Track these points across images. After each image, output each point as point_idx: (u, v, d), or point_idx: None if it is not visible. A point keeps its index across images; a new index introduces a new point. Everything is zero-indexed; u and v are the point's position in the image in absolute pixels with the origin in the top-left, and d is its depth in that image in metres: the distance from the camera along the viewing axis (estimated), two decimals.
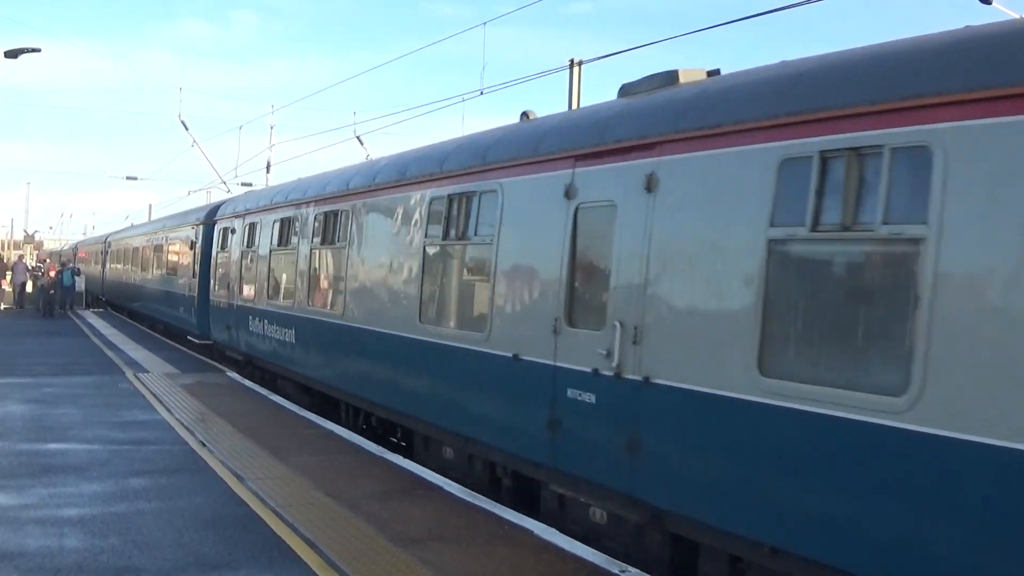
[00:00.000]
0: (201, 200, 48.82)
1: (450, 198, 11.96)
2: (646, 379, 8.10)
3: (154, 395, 17.57)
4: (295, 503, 9.99)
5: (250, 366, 21.62)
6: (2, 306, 43.45)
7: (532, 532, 9.15)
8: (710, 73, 9.40)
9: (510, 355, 10.23)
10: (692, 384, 7.74)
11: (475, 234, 11.53)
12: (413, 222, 13.03)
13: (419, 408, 12.55)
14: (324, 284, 16.95)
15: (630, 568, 8.17)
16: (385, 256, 13.87)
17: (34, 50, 34.14)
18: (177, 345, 28.91)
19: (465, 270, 12.15)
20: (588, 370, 8.82)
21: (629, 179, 8.67)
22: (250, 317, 20.80)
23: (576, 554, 8.51)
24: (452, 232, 12.02)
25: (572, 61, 21.57)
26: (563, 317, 9.38)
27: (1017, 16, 6.93)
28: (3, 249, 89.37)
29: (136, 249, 41.53)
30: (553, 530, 9.27)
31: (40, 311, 41.24)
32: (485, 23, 22.18)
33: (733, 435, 7.40)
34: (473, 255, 11.82)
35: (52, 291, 42.23)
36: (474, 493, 10.71)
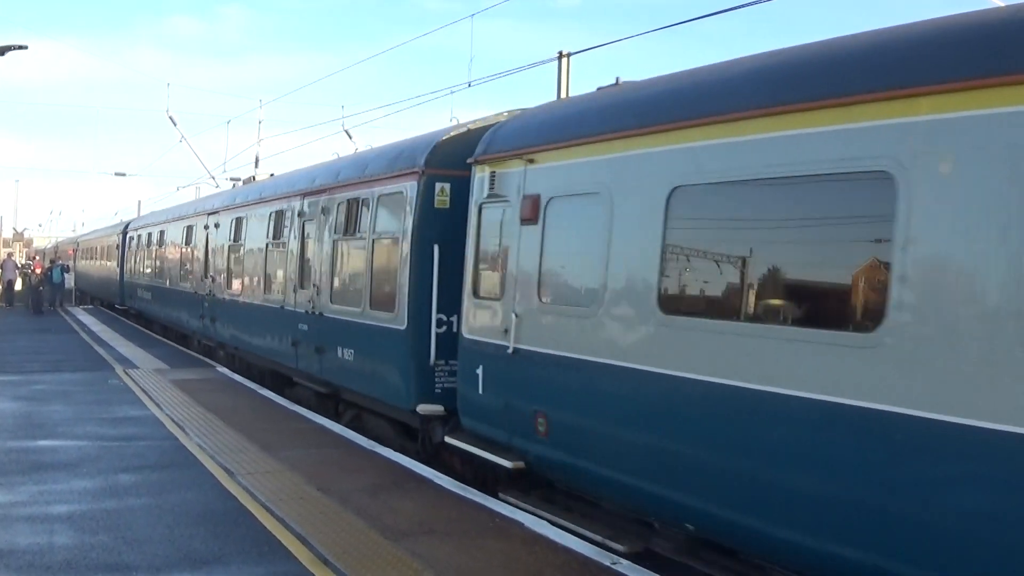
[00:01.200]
0: (191, 195, 49.19)
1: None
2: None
3: (144, 391, 17.54)
4: (285, 497, 9.98)
5: (140, 317, 36.65)
6: None
7: (523, 524, 9.16)
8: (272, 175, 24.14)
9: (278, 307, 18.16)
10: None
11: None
12: (194, 229, 26.85)
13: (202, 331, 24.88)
14: (162, 267, 31.80)
15: (621, 560, 8.19)
16: (178, 243, 29.02)
17: (21, 47, 33.89)
18: (167, 341, 28.89)
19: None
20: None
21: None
22: (137, 289, 36.82)
23: (567, 546, 8.52)
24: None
25: (561, 53, 21.54)
26: (297, 281, 17.25)
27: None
28: None
29: (91, 248, 57.67)
30: (544, 522, 9.29)
31: (30, 308, 41.13)
32: (473, 15, 22.19)
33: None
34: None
35: (40, 287, 42.12)
36: (464, 486, 10.72)
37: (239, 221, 21.66)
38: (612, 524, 9.43)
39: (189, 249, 27.06)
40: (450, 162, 12.39)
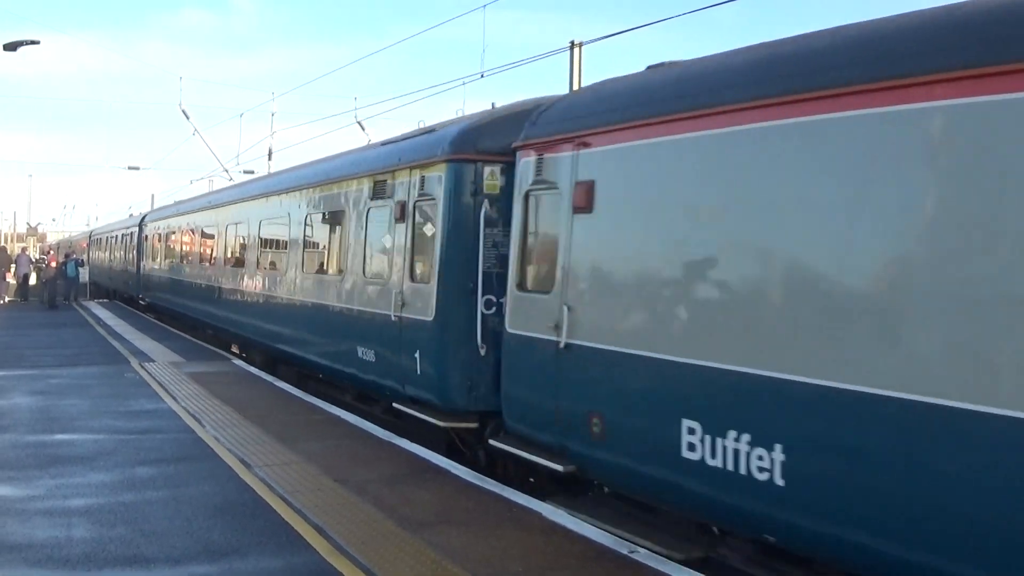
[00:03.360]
0: (205, 187, 50.20)
1: None
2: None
3: (160, 384, 17.58)
4: (302, 489, 9.99)
5: (95, 286, 53.80)
6: (6, 298, 43.40)
7: (540, 514, 9.14)
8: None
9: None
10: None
11: None
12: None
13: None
14: (104, 257, 56.19)
15: (639, 549, 8.16)
16: (105, 245, 58.20)
17: (33, 42, 33.92)
18: (182, 334, 28.94)
19: None
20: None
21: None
22: (96, 269, 56.45)
23: (585, 535, 8.50)
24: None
25: (572, 43, 21.45)
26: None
27: None
28: (6, 242, 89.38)
29: (76, 245, 79.29)
30: (562, 512, 9.26)
31: (44, 303, 41.20)
32: (485, 6, 22.05)
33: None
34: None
35: (57, 281, 42.20)
36: (482, 476, 10.70)
37: (129, 236, 43.69)
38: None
39: (109, 247, 52.77)
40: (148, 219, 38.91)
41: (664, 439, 8.06)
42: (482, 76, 22.31)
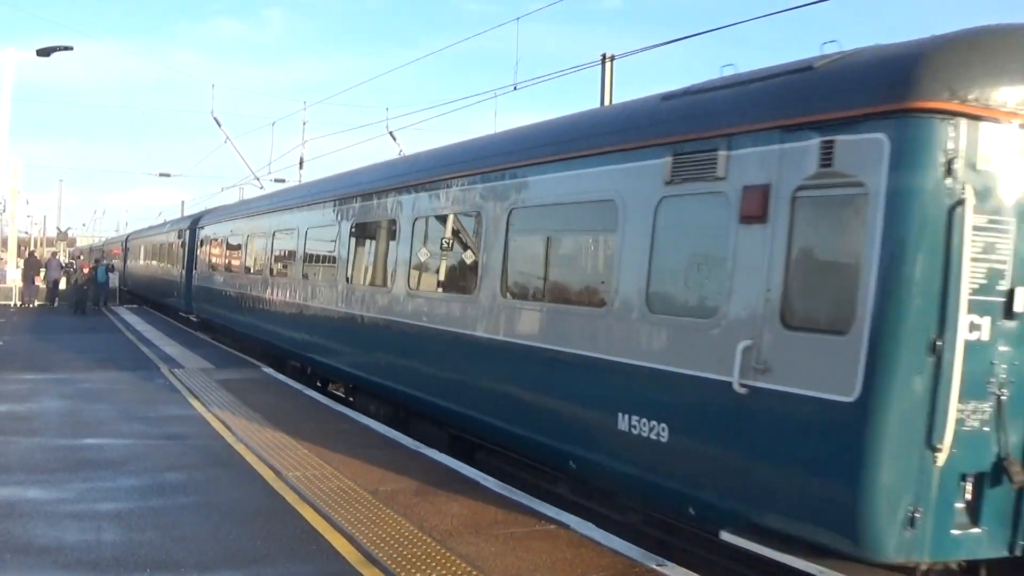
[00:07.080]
0: (235, 195, 50.29)
1: None
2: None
3: (189, 390, 17.63)
4: (332, 497, 9.98)
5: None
6: (36, 303, 43.69)
7: (569, 526, 9.11)
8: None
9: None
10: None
11: None
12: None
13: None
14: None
15: (667, 562, 8.12)
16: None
17: (66, 48, 34.38)
18: (212, 341, 29.06)
19: None
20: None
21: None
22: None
23: (613, 548, 8.48)
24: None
25: (604, 56, 21.48)
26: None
27: None
28: (37, 246, 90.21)
29: (87, 251, 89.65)
30: (590, 524, 9.24)
31: (72, 308, 41.37)
32: (518, 19, 22.17)
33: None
34: None
35: (85, 287, 42.42)
36: (511, 487, 10.67)
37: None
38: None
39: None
40: None
41: None
42: (515, 88, 22.38)
